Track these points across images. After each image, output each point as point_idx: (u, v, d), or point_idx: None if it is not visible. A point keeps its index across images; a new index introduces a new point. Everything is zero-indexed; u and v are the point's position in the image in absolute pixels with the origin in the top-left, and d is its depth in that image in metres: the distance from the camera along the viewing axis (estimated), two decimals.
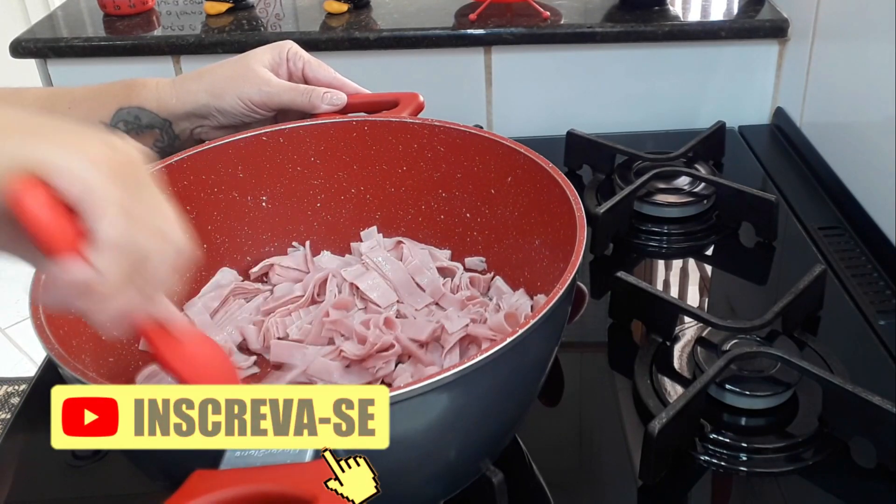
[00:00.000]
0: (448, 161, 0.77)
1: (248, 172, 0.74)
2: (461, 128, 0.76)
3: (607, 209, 0.89)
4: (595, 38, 1.14)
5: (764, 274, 0.93)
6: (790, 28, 1.16)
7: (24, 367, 2.25)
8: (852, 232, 0.96)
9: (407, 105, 0.79)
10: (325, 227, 0.80)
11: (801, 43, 1.12)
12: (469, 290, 0.76)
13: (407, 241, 0.79)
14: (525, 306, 0.71)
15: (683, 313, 0.78)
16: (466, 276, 0.77)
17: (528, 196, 0.73)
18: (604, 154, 1.07)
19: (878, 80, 0.93)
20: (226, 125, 0.77)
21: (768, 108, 1.24)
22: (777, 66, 1.20)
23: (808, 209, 1.01)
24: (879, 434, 0.67)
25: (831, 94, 1.07)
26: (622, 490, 0.68)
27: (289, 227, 0.79)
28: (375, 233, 0.80)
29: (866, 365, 0.76)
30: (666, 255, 0.95)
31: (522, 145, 0.73)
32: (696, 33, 1.17)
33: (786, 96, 1.20)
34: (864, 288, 0.86)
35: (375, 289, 0.75)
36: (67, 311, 0.52)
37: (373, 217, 0.81)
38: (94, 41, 1.11)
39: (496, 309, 0.72)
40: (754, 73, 1.21)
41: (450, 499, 0.60)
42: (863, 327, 0.80)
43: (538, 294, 0.72)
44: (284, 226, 0.79)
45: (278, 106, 0.76)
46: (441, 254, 0.79)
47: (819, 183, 1.06)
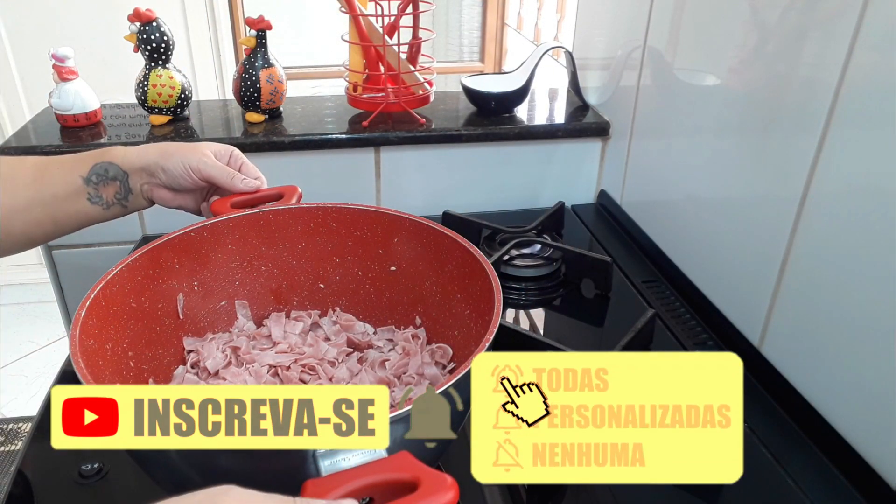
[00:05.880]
0: (339, 233, 0.78)
1: (182, 263, 0.73)
2: (349, 206, 0.77)
3: None
4: (461, 139, 1.17)
5: (602, 318, 0.94)
6: (611, 129, 1.20)
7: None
8: (668, 284, 0.99)
9: (290, 196, 0.79)
10: (244, 299, 0.79)
11: (621, 140, 1.16)
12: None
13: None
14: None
15: (547, 348, 0.79)
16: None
17: (414, 250, 0.76)
18: (473, 229, 1.09)
19: (679, 167, 0.98)
20: (167, 185, 0.77)
21: (594, 190, 1.28)
22: (601, 158, 1.24)
23: (632, 267, 1.04)
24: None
25: (645, 179, 1.10)
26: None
27: (215, 305, 0.77)
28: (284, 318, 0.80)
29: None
30: (525, 306, 0.96)
31: (403, 212, 0.75)
32: (539, 133, 1.20)
33: (608, 181, 1.24)
34: (681, 326, 0.89)
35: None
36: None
37: (280, 286, 0.80)
38: (62, 148, 1.07)
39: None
40: (583, 163, 1.25)
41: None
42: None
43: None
44: (214, 304, 0.77)
45: (208, 177, 0.76)
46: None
47: (639, 247, 1.09)
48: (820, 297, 0.71)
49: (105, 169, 0.75)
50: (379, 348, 0.77)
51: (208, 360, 0.72)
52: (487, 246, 1.05)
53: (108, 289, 0.63)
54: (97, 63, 2.22)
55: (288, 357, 0.73)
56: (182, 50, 2.46)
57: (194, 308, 0.75)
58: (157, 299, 0.70)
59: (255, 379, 0.70)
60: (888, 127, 0.61)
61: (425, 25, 1.21)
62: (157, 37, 1.11)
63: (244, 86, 1.15)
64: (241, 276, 0.78)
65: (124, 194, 0.76)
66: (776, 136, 0.76)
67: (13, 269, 2.80)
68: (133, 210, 0.78)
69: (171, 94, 1.14)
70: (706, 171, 0.91)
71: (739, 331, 0.85)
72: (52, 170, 0.75)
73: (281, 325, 0.78)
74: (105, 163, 0.75)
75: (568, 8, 2.07)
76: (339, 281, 0.81)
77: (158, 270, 0.70)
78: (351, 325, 0.79)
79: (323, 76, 2.62)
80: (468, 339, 0.69)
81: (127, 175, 0.76)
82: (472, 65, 2.87)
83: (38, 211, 0.73)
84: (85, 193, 0.74)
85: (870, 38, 0.63)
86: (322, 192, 1.15)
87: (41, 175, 0.74)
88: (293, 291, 0.81)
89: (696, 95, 0.93)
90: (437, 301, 0.75)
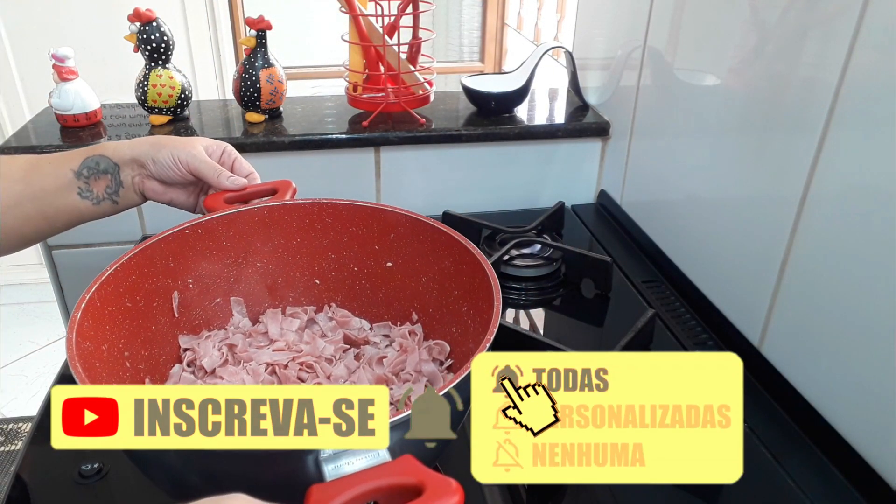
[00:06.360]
0: (335, 229, 0.78)
1: (177, 262, 0.72)
2: (344, 201, 0.77)
3: None
4: (461, 139, 1.17)
5: (602, 318, 0.94)
6: (611, 129, 1.20)
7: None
8: (668, 284, 0.99)
9: (285, 191, 0.79)
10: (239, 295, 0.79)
11: (621, 140, 1.16)
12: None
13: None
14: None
15: (547, 348, 0.79)
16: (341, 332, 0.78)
17: (410, 246, 0.75)
18: (473, 229, 1.09)
19: (679, 167, 0.98)
20: (156, 176, 0.76)
21: (594, 190, 1.28)
22: (601, 158, 1.24)
23: (632, 267, 1.04)
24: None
25: (645, 179, 1.10)
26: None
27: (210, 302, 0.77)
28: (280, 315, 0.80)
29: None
30: (525, 306, 0.96)
31: (399, 208, 0.75)
32: (539, 133, 1.20)
33: (608, 181, 1.24)
34: (681, 326, 0.89)
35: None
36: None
37: (276, 282, 0.80)
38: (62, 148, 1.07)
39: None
40: (583, 163, 1.25)
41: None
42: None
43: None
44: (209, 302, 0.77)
45: (196, 171, 0.76)
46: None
47: (639, 247, 1.09)
48: (820, 297, 0.71)
49: (96, 162, 0.75)
50: (375, 344, 0.77)
51: (204, 359, 0.72)
52: (487, 246, 1.05)
53: (103, 289, 0.62)
54: (97, 63, 2.22)
55: (285, 355, 0.73)
56: (182, 50, 2.46)
57: (190, 306, 0.75)
58: (151, 298, 0.70)
59: (252, 378, 0.70)
60: (888, 127, 0.61)
61: (425, 25, 1.21)
62: (157, 37, 1.10)
63: (244, 86, 1.15)
64: (235, 272, 0.78)
65: (115, 188, 0.76)
66: (776, 136, 0.76)
67: (13, 269, 2.80)
68: (125, 207, 0.77)
69: (171, 94, 1.14)
70: (706, 171, 0.91)
71: (739, 331, 0.85)
72: (43, 165, 0.74)
73: (277, 322, 0.78)
74: (96, 156, 0.75)
75: (568, 8, 2.07)
76: (335, 277, 0.80)
77: (153, 269, 0.70)
78: (347, 321, 0.78)
79: (323, 76, 2.62)
80: (466, 336, 0.69)
81: (118, 168, 0.75)
82: (472, 65, 2.87)
83: (29, 206, 0.73)
84: (75, 188, 0.74)
85: (870, 38, 0.63)
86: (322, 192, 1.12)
87: (32, 170, 0.74)
88: (289, 287, 0.80)
89: (696, 95, 0.93)
90: (433, 297, 0.75)
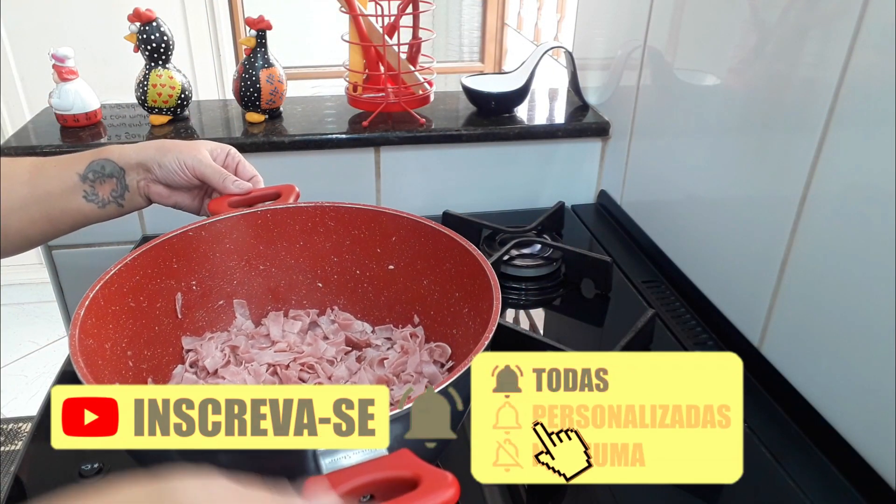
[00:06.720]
0: (337, 232, 0.78)
1: (181, 263, 0.73)
2: (347, 205, 0.77)
3: None
4: (461, 139, 1.17)
5: (602, 318, 0.94)
6: (611, 129, 1.20)
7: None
8: (668, 284, 0.99)
9: (288, 195, 0.79)
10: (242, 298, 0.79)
11: (621, 140, 1.16)
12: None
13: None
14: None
15: (547, 348, 0.79)
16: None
17: (412, 249, 0.75)
18: (473, 229, 1.09)
19: (679, 167, 0.98)
20: (162, 181, 0.77)
21: (594, 190, 1.28)
22: (601, 158, 1.24)
23: (632, 267, 1.04)
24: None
25: (645, 179, 1.10)
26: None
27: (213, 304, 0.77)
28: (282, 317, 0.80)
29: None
30: (525, 306, 0.96)
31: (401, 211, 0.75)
32: (539, 133, 1.20)
33: (608, 181, 1.23)
34: (681, 326, 0.89)
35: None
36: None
37: (278, 285, 0.80)
38: (63, 148, 1.07)
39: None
40: (583, 163, 1.25)
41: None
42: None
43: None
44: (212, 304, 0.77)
45: (201, 175, 0.76)
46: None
47: (638, 247, 1.09)
48: (820, 297, 0.71)
49: (102, 166, 0.75)
50: (377, 347, 0.77)
51: (207, 360, 0.72)
52: (487, 246, 1.05)
53: (107, 288, 0.63)
54: (97, 63, 2.22)
55: (287, 356, 0.73)
56: (182, 50, 2.46)
57: (193, 307, 0.75)
58: (155, 299, 0.70)
59: (254, 378, 0.70)
60: (888, 127, 0.61)
61: (425, 25, 1.21)
62: (157, 37, 1.11)
63: (244, 86, 1.15)
64: (239, 275, 0.78)
65: (121, 192, 0.76)
66: (776, 136, 0.76)
67: (13, 269, 2.80)
68: (130, 210, 0.78)
69: (171, 94, 1.14)
70: (706, 171, 0.91)
71: (739, 331, 0.85)
72: (48, 168, 0.75)
73: (279, 324, 0.78)
74: (102, 160, 0.75)
75: (568, 8, 2.07)
76: (337, 280, 0.80)
77: (157, 270, 0.70)
78: (349, 323, 0.79)
79: (323, 76, 2.62)
80: (467, 338, 0.69)
81: (123, 171, 0.76)
82: (472, 65, 2.87)
83: (34, 209, 0.73)
84: (81, 191, 0.74)
85: (870, 38, 0.63)
86: (322, 193, 1.14)
87: (38, 173, 0.74)
88: (291, 290, 0.81)
89: (696, 95, 0.93)
90: (435, 299, 0.75)
